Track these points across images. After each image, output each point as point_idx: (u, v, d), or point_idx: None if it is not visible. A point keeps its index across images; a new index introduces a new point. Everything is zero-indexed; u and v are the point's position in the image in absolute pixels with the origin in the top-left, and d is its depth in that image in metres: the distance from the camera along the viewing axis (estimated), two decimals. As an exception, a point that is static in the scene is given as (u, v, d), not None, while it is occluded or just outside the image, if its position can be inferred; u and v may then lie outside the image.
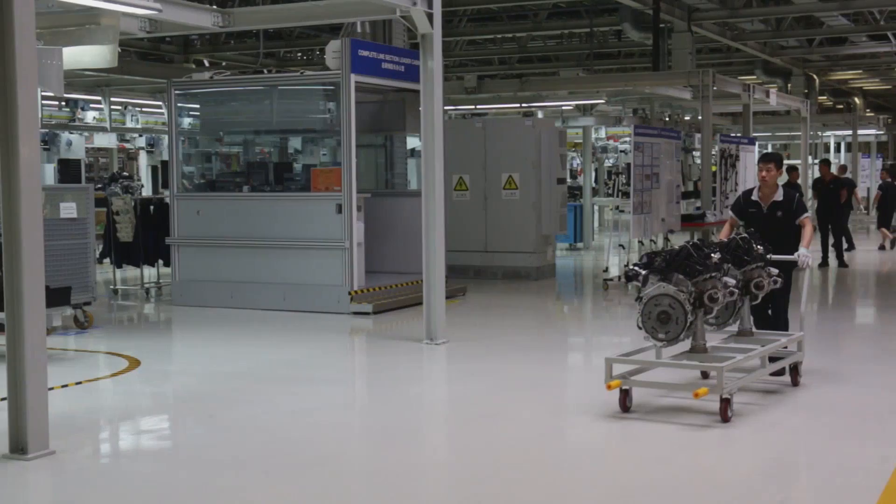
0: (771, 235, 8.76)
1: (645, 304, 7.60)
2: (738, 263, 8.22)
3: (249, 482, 6.31)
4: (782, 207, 9.04)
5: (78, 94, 20.90)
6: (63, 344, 11.06)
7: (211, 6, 12.59)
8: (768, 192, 9.13)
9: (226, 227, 13.91)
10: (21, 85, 6.59)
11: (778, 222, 9.01)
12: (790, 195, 9.12)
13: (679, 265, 7.65)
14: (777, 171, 9.12)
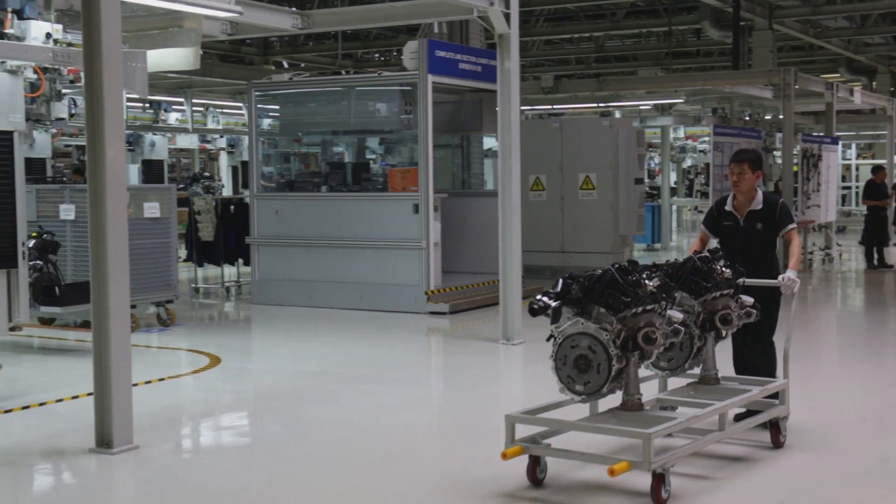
0: (751, 254, 7.14)
1: (559, 345, 5.78)
2: (695, 290, 6.46)
3: (326, 479, 6.37)
4: (763, 218, 7.21)
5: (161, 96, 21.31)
6: (146, 341, 11.28)
7: (290, 8, 12.75)
8: (744, 199, 7.26)
9: (304, 226, 14.05)
10: (107, 87, 6.74)
11: (758, 237, 7.22)
12: (772, 202, 7.27)
13: (599, 295, 5.73)
14: (754, 173, 7.21)
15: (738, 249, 7.13)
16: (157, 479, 6.48)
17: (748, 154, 7.33)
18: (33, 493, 6.47)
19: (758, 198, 7.24)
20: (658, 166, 29.35)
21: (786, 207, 7.26)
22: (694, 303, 6.47)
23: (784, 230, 7.22)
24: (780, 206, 7.24)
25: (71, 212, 11.65)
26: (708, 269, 6.54)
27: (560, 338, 5.78)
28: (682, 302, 6.38)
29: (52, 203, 11.86)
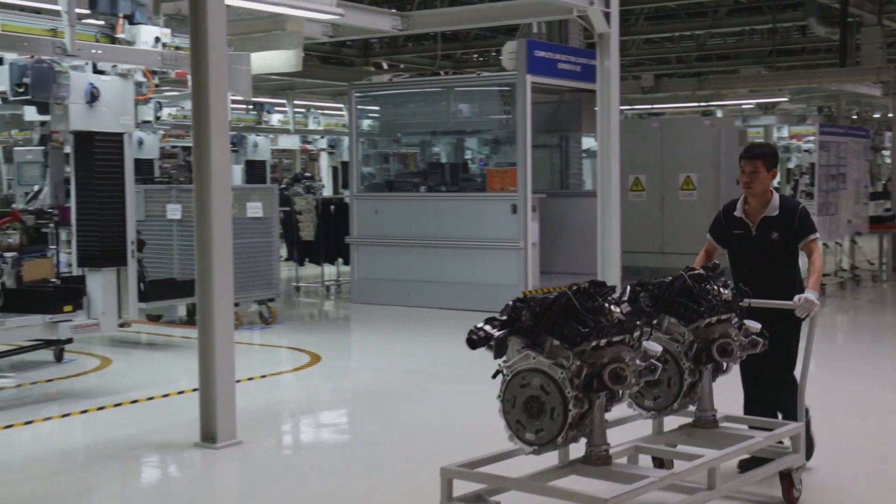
0: (766, 269, 6.05)
1: (507, 383, 4.68)
2: (685, 315, 5.36)
3: (422, 478, 6.41)
4: (779, 226, 6.04)
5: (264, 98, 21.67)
6: (248, 338, 11.49)
7: (390, 10, 12.86)
8: (757, 203, 6.11)
9: (403, 226, 14.14)
10: (213, 90, 6.90)
11: (774, 249, 6.06)
12: (790, 206, 6.13)
13: (552, 324, 4.61)
14: (769, 172, 6.11)
15: (750, 264, 6.10)
16: (259, 474, 6.60)
17: (762, 149, 6.23)
18: (141, 484, 6.65)
19: (773, 202, 6.08)
20: (761, 166, 28.67)
21: (807, 213, 6.09)
22: (684, 330, 5.34)
23: (804, 241, 6.01)
24: (800, 211, 6.08)
25: (177, 211, 11.94)
26: (700, 290, 5.42)
27: (508, 374, 4.66)
28: (670, 329, 5.32)
29: (159, 203, 12.17)
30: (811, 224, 6.07)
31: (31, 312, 8.40)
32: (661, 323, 5.29)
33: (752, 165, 6.06)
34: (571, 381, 4.54)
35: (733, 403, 6.17)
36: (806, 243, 6.02)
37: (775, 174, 6.19)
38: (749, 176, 6.06)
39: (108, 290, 9.03)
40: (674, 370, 5.23)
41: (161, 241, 12.03)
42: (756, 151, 6.14)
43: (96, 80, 8.94)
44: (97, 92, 8.86)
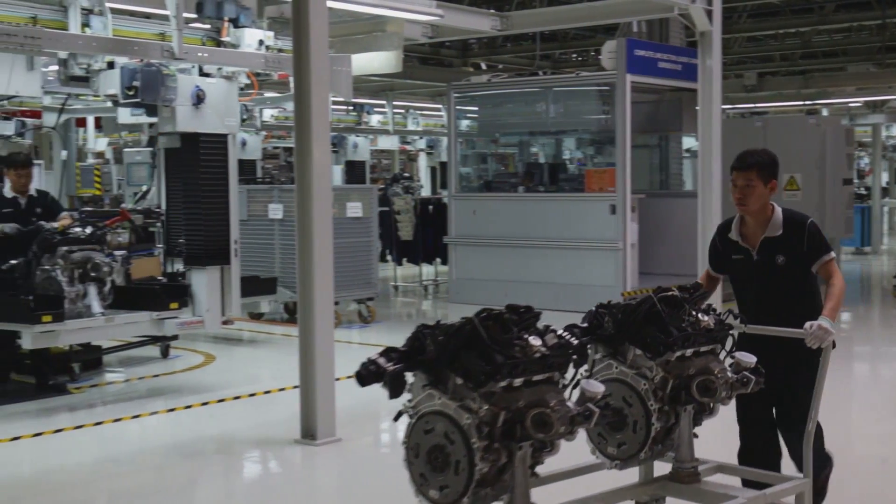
0: (775, 300, 5.02)
1: (412, 427, 3.88)
2: (651, 347, 4.33)
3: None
4: (785, 248, 4.99)
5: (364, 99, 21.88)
6: (347, 337, 11.62)
7: (489, 10, 12.87)
8: (755, 223, 5.07)
9: (501, 226, 14.14)
10: (315, 91, 7.00)
11: (781, 276, 5.01)
12: (796, 222, 5.04)
13: (453, 360, 3.85)
14: (766, 184, 5.02)
15: (756, 295, 5.08)
16: (358, 471, 6.67)
17: (756, 158, 5.09)
18: (243, 479, 6.79)
19: (775, 219, 5.02)
20: (868, 166, 28.05)
21: (817, 230, 5.02)
22: (652, 363, 4.33)
23: (818, 263, 4.97)
24: (809, 227, 5.00)
25: (279, 211, 12.15)
26: (672, 316, 4.40)
27: (413, 416, 3.89)
28: (635, 362, 4.35)
29: (261, 203, 12.39)
30: (823, 242, 5.02)
31: (139, 309, 8.63)
32: (625, 354, 4.37)
33: (744, 178, 4.99)
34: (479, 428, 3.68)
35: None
36: (821, 266, 4.97)
37: (774, 187, 5.03)
38: (741, 191, 4.98)
39: (212, 289, 9.24)
40: (639, 412, 4.24)
41: (263, 241, 12.26)
42: (749, 160, 5.06)
43: (202, 82, 9.15)
44: (203, 94, 9.08)
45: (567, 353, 4.03)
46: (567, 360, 4.05)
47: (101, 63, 8.67)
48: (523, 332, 3.98)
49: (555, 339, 4.00)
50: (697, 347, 4.46)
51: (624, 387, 4.29)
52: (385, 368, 3.86)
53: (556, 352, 3.98)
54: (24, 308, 7.84)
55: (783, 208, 5.10)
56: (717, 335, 4.46)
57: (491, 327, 3.94)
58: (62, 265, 8.22)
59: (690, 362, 4.43)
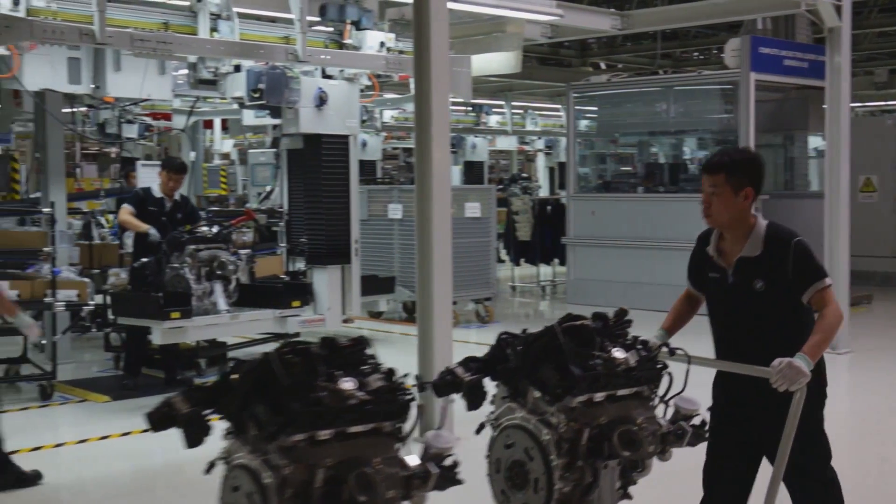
0: (749, 335, 4.13)
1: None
2: (549, 388, 3.56)
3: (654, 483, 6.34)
4: (764, 271, 4.06)
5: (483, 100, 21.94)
6: (465, 336, 11.66)
7: (609, 9, 12.77)
8: (732, 238, 4.18)
9: (620, 227, 14.02)
10: (435, 92, 7.04)
11: (759, 306, 4.08)
12: (780, 240, 4.09)
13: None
14: (739, 191, 4.06)
15: (728, 324, 4.21)
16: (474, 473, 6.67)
17: (726, 158, 4.12)
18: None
19: (755, 235, 4.08)
20: None
21: (806, 251, 4.06)
22: (552, 409, 3.56)
23: (809, 292, 4.00)
24: (795, 248, 4.02)
25: (398, 211, 12.27)
26: (574, 352, 3.60)
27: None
28: (537, 406, 3.62)
29: (381, 203, 12.54)
30: (814, 266, 4.04)
31: (263, 307, 8.81)
32: (525, 396, 3.67)
33: (710, 182, 4.07)
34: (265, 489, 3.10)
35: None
36: (813, 295, 3.99)
37: (750, 195, 4.04)
38: (707, 198, 4.09)
39: (333, 287, 9.40)
40: (540, 468, 3.54)
41: (382, 241, 12.40)
42: (716, 161, 4.11)
43: (325, 84, 9.32)
44: (325, 96, 9.24)
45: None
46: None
47: (228, 66, 8.90)
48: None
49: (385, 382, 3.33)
50: (612, 391, 3.65)
51: (525, 436, 3.57)
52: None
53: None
54: (154, 305, 8.10)
55: (770, 222, 4.12)
56: (643, 375, 3.65)
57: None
58: (190, 263, 8.46)
59: (602, 409, 3.61)
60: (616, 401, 3.61)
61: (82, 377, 9.35)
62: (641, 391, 3.68)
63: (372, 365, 3.34)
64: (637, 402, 3.65)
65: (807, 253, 4.07)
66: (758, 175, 4.12)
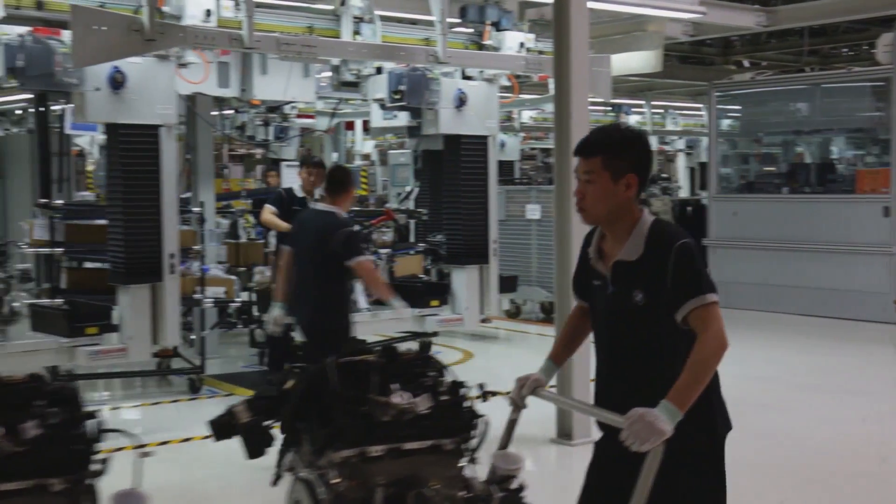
0: (627, 355, 3.36)
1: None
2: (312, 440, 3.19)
3: (770, 488, 6.19)
4: (644, 279, 3.25)
5: (622, 99, 21.73)
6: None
7: (753, 6, 12.49)
8: (614, 237, 3.36)
9: (763, 228, 13.69)
10: (574, 92, 7.02)
11: (636, 322, 3.29)
12: (663, 243, 3.24)
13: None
14: (619, 178, 3.28)
15: (605, 341, 3.45)
16: (613, 472, 6.64)
17: (605, 136, 3.37)
18: (499, 474, 6.89)
19: (637, 233, 3.27)
20: None
21: (689, 256, 3.20)
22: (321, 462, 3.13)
23: (682, 309, 3.17)
24: (677, 251, 3.18)
25: (536, 211, 12.27)
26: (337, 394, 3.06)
27: None
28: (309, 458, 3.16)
29: (519, 203, 12.56)
30: (696, 276, 3.19)
31: (402, 306, 8.91)
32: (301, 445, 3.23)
33: (585, 167, 3.32)
34: None
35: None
36: (690, 313, 3.17)
37: (633, 183, 3.27)
38: (582, 186, 3.33)
39: (471, 287, 9.44)
40: None
41: (520, 241, 12.41)
42: (590, 141, 3.36)
43: (464, 85, 9.38)
44: (465, 97, 9.30)
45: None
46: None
47: (370, 68, 9.05)
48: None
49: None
50: (395, 443, 3.08)
51: (307, 493, 3.10)
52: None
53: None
54: (297, 302, 8.27)
55: (657, 219, 3.32)
56: (442, 425, 3.12)
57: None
58: (332, 262, 8.61)
59: (386, 465, 3.07)
60: (405, 456, 3.06)
61: (228, 372, 9.65)
62: (442, 445, 3.12)
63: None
64: (437, 458, 3.10)
65: (690, 259, 3.18)
66: (641, 160, 3.32)
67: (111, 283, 7.85)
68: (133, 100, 7.51)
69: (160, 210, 7.70)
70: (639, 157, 3.32)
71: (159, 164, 7.69)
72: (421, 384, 3.06)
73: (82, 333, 7.45)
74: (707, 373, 3.16)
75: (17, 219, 12.04)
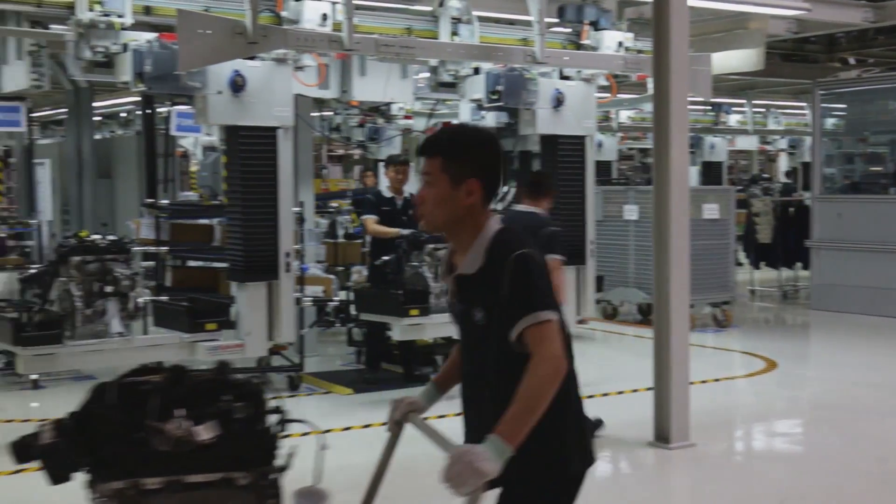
0: (479, 377, 3.06)
1: None
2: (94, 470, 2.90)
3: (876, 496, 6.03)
4: (483, 295, 2.95)
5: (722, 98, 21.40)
6: (702, 341, 11.41)
7: (860, 1, 12.18)
8: (460, 249, 3.05)
9: (869, 230, 13.33)
10: (674, 92, 6.95)
11: (480, 341, 3.00)
12: (500, 255, 2.91)
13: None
14: (455, 184, 2.97)
15: (464, 360, 3.16)
16: (710, 478, 6.55)
17: (446, 136, 3.09)
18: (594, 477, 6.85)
19: (479, 243, 2.97)
20: None
21: (526, 267, 2.87)
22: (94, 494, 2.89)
23: (517, 327, 2.85)
24: (515, 263, 2.87)
25: (634, 212, 12.15)
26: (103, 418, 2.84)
27: None
28: None
29: (616, 203, 12.47)
30: (532, 291, 2.86)
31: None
32: None
33: (426, 168, 3.02)
34: None
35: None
36: (523, 332, 2.84)
37: (475, 190, 2.96)
38: (422, 189, 3.04)
39: (568, 288, 9.39)
40: None
41: (617, 242, 12.32)
42: (431, 141, 3.06)
43: (562, 85, 9.34)
44: (562, 97, 9.27)
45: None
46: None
47: (468, 69, 9.07)
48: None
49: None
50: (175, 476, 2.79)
51: None
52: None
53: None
54: (394, 302, 8.36)
55: (503, 228, 2.99)
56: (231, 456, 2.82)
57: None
58: (429, 262, 8.68)
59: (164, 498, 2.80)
60: (189, 489, 2.79)
61: (327, 370, 9.78)
62: (234, 478, 2.83)
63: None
64: (228, 492, 2.83)
65: (525, 272, 2.85)
66: (485, 164, 2.99)
67: (230, 280, 8.08)
68: (252, 103, 7.69)
69: (277, 210, 7.86)
70: (483, 161, 2.99)
71: (276, 165, 7.86)
72: (210, 410, 2.75)
73: (202, 329, 7.63)
74: (540, 401, 2.75)
75: (125, 218, 12.41)
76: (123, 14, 7.28)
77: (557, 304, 2.91)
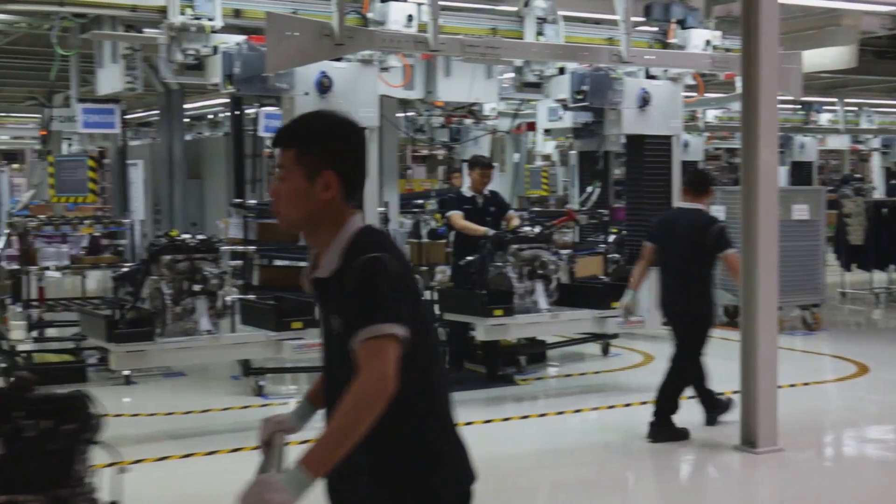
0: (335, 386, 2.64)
1: None
2: None
3: None
4: (335, 301, 2.65)
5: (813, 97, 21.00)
6: (790, 344, 11.19)
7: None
8: (322, 250, 2.72)
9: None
10: (763, 91, 6.84)
11: (338, 348, 2.64)
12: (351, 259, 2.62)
13: None
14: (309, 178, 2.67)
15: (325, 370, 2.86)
16: (798, 484, 6.43)
17: (299, 125, 2.77)
18: (679, 481, 6.79)
19: (336, 244, 2.69)
20: None
21: (372, 273, 2.56)
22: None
23: (354, 339, 2.53)
24: (362, 269, 2.57)
25: (721, 212, 11.96)
26: None
27: None
28: None
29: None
30: (374, 299, 2.54)
31: (582, 307, 8.88)
32: None
33: (280, 161, 2.74)
34: None
35: None
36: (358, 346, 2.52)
37: (332, 184, 2.69)
38: (276, 184, 2.77)
39: (654, 289, 9.30)
40: None
41: (704, 242, 12.15)
42: (285, 131, 2.77)
43: (648, 84, 9.26)
44: (648, 97, 9.19)
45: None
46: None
47: (553, 69, 9.05)
48: None
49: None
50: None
51: None
52: None
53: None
54: (478, 302, 8.37)
55: (364, 228, 2.74)
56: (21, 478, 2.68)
57: None
58: (513, 262, 8.67)
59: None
60: None
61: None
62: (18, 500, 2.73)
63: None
64: None
65: (372, 277, 2.55)
66: (343, 154, 2.71)
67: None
68: (338, 104, 7.76)
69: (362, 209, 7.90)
70: (338, 152, 2.68)
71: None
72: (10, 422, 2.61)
73: (288, 328, 7.73)
74: (356, 426, 2.43)
75: (214, 218, 12.63)
76: (213, 17, 7.44)
77: (419, 317, 2.59)
